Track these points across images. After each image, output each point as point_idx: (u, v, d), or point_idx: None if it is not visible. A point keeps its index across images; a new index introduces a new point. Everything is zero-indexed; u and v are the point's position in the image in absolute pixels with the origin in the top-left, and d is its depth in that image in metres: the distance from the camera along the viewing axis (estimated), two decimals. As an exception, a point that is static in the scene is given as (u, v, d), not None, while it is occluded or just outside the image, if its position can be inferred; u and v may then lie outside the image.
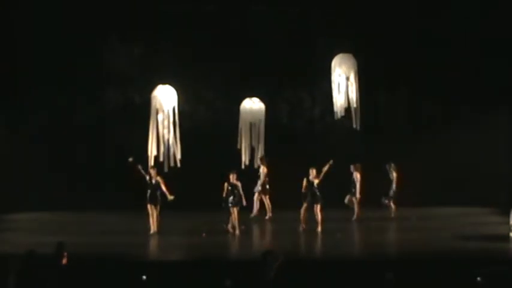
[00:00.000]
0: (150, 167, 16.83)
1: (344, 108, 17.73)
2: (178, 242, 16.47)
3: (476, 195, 18.88)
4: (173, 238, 16.70)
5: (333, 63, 17.77)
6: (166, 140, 17.18)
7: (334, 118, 18.11)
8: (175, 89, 17.39)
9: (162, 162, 17.24)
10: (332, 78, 17.77)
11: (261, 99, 18.78)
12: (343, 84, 17.71)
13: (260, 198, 18.60)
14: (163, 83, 17.41)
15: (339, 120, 18.10)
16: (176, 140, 17.29)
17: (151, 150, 17.02)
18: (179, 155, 17.28)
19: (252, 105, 18.72)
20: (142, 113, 17.77)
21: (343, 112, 17.75)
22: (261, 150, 18.62)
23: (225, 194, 16.58)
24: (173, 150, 17.23)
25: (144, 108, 17.70)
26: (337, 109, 17.73)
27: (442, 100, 19.83)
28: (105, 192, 19.08)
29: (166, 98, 17.24)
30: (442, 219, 18.26)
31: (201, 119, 20.20)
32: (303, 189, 16.84)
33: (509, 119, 19.93)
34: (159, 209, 16.72)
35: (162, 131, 17.19)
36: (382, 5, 19.08)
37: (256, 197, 18.48)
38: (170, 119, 17.20)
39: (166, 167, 17.10)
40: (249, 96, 18.82)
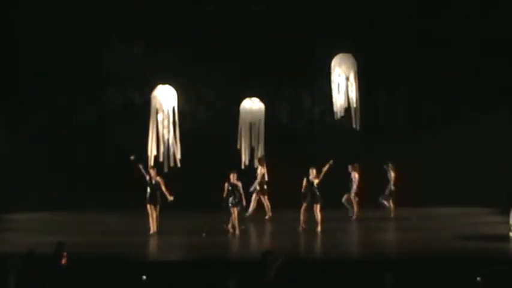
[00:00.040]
0: (150, 167, 16.83)
1: (344, 108, 17.72)
2: (178, 242, 16.46)
3: (476, 195, 18.87)
4: (173, 238, 16.70)
5: (333, 63, 17.76)
6: (166, 140, 17.17)
7: (334, 118, 18.11)
8: (175, 89, 17.39)
9: (162, 162, 17.24)
10: (332, 78, 17.76)
11: (261, 99, 18.76)
12: (343, 84, 17.69)
13: (258, 199, 18.59)
14: (163, 83, 17.40)
15: (339, 120, 18.09)
16: (176, 140, 17.28)
17: (151, 150, 17.02)
18: (179, 155, 17.27)
19: (251, 105, 18.70)
20: (142, 113, 17.76)
21: (343, 112, 17.74)
22: (261, 151, 18.61)
23: (225, 194, 16.59)
24: (173, 150, 17.22)
25: (144, 108, 17.69)
26: (336, 109, 17.71)
27: (442, 100, 19.83)
28: (105, 192, 19.05)
29: (166, 98, 17.22)
30: (442, 219, 18.25)
31: (201, 119, 20.19)
32: (303, 189, 16.84)
33: (509, 119, 19.92)
34: (158, 209, 16.72)
35: (162, 131, 17.18)
36: (382, 5, 19.07)
37: (254, 197, 18.46)
38: (170, 119, 17.19)
39: (166, 167, 17.10)
40: (249, 96, 18.81)
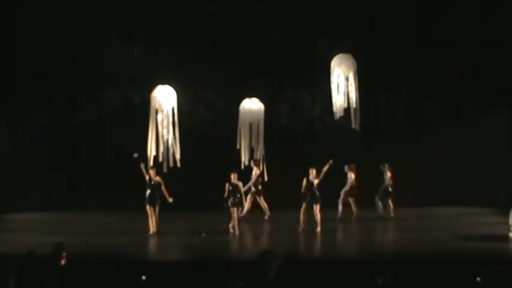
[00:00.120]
0: (150, 167, 16.81)
1: (344, 109, 17.71)
2: (178, 242, 16.47)
3: (476, 195, 18.87)
4: (173, 238, 16.70)
5: (332, 64, 17.75)
6: (166, 140, 17.16)
7: (334, 118, 18.10)
8: (175, 89, 17.37)
9: (162, 163, 17.24)
10: (331, 78, 17.75)
11: (261, 99, 18.74)
12: (343, 84, 17.68)
13: (253, 200, 18.55)
14: (163, 83, 17.39)
15: (339, 121, 18.08)
16: (175, 140, 17.26)
17: (150, 151, 17.01)
18: (178, 155, 17.26)
19: (251, 106, 18.68)
20: (142, 113, 17.75)
21: (343, 112, 17.73)
22: (261, 151, 18.59)
23: (226, 194, 16.60)
24: (172, 150, 17.20)
25: (144, 108, 17.67)
26: (336, 109, 17.70)
27: (442, 100, 19.82)
28: (105, 192, 19.04)
29: (166, 98, 17.21)
30: (442, 219, 18.24)
31: (201, 119, 20.17)
32: (303, 189, 16.83)
33: (509, 119, 19.92)
34: (158, 210, 16.72)
35: (161, 131, 17.17)
36: (382, 5, 19.07)
37: (249, 198, 18.40)
38: (169, 119, 17.18)
39: (165, 168, 17.09)
40: (249, 96, 18.80)
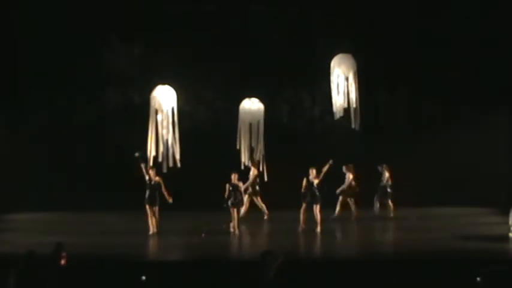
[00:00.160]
0: (149, 167, 16.81)
1: (343, 109, 17.70)
2: (178, 242, 16.46)
3: (476, 195, 18.87)
4: (173, 238, 16.69)
5: (332, 64, 17.72)
6: (165, 140, 17.15)
7: (334, 118, 18.08)
8: (175, 89, 17.36)
9: (161, 163, 17.23)
10: (331, 78, 17.74)
11: (261, 99, 18.72)
12: (342, 84, 17.66)
13: (251, 200, 18.53)
14: (163, 83, 17.38)
15: (338, 121, 18.07)
16: (175, 140, 17.25)
17: (150, 151, 17.01)
18: (178, 155, 17.25)
19: (251, 106, 18.67)
20: (142, 113, 17.74)
21: (342, 112, 17.71)
22: (261, 151, 18.58)
23: (226, 194, 16.60)
24: (172, 150, 17.19)
25: (144, 108, 17.66)
26: (336, 110, 17.69)
27: (442, 100, 19.82)
28: (105, 192, 19.05)
29: (165, 98, 17.20)
30: (442, 219, 18.24)
31: (201, 119, 20.18)
32: (303, 189, 16.83)
33: (509, 119, 19.92)
34: (158, 210, 16.71)
35: (161, 131, 17.16)
36: (382, 5, 19.07)
37: (246, 198, 18.38)
38: (169, 120, 17.17)
39: (165, 168, 17.08)
40: (249, 96, 18.79)
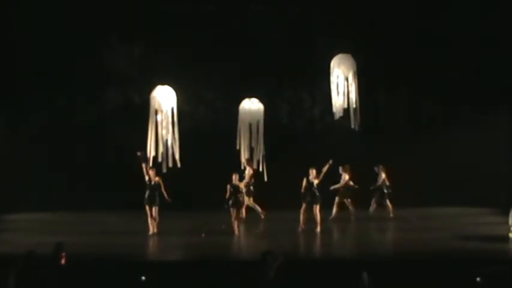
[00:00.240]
0: (149, 167, 16.81)
1: (343, 109, 17.69)
2: (178, 242, 16.46)
3: (476, 195, 18.87)
4: (173, 238, 16.69)
5: (332, 64, 17.72)
6: (165, 140, 17.14)
7: (334, 118, 18.08)
8: (175, 89, 17.36)
9: (161, 163, 17.22)
10: (331, 78, 17.73)
11: (261, 100, 18.73)
12: (342, 84, 17.66)
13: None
14: (163, 83, 17.38)
15: (338, 121, 18.07)
16: (175, 140, 17.25)
17: (150, 151, 17.00)
18: (178, 155, 17.24)
19: (250, 106, 18.66)
20: (142, 113, 17.74)
21: (342, 113, 17.71)
22: (261, 151, 18.58)
23: (227, 194, 16.60)
24: (172, 150, 17.19)
25: (144, 109, 17.66)
26: (336, 110, 17.68)
27: (442, 100, 19.82)
28: (105, 192, 19.06)
29: (165, 98, 17.19)
30: (442, 219, 18.24)
31: (201, 119, 20.18)
32: (303, 189, 16.83)
33: (509, 119, 19.92)
34: (157, 210, 16.71)
35: (161, 131, 17.15)
36: (382, 5, 19.06)
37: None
38: (169, 120, 17.17)
39: (165, 168, 17.08)
40: (249, 96, 18.79)
